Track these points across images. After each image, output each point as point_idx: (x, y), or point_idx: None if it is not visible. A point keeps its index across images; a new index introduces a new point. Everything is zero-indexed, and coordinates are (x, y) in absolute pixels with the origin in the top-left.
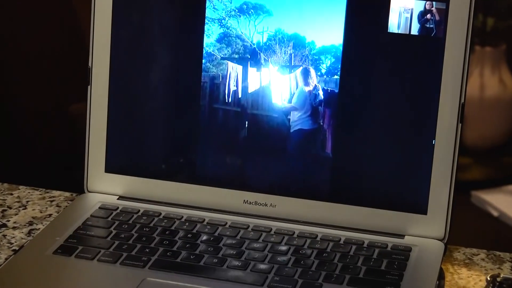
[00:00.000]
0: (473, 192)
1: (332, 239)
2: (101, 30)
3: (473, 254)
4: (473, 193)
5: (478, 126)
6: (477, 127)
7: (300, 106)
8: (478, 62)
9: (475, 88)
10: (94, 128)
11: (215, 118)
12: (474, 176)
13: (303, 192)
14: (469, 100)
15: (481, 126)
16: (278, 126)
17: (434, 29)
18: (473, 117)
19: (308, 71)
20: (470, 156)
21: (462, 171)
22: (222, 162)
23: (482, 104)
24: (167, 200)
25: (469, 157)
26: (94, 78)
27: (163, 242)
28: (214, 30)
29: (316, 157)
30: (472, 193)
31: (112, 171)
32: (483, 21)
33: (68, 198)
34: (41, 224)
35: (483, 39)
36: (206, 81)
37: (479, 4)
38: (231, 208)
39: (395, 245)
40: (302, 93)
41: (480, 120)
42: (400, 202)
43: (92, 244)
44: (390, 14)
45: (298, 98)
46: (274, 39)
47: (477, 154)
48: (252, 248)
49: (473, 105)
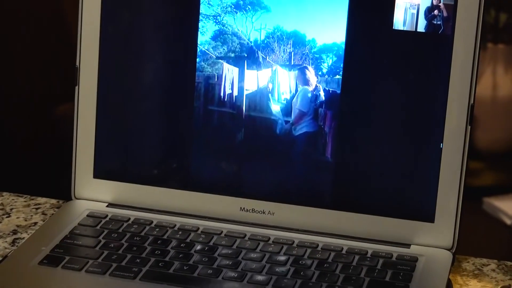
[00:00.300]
0: (485, 198)
1: (334, 248)
2: (89, 27)
3: (483, 265)
4: (484, 200)
5: (490, 128)
6: (489, 129)
7: (300, 108)
8: (490, 60)
9: (487, 88)
10: (82, 131)
11: (210, 121)
12: (486, 181)
13: (303, 199)
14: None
15: (494, 128)
16: (277, 129)
17: (442, 26)
18: (485, 119)
19: (309, 71)
20: (481, 160)
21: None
22: (218, 167)
23: (495, 105)
24: (159, 208)
25: (481, 161)
26: (82, 78)
27: (155, 252)
28: (209, 27)
29: (317, 161)
30: (484, 199)
31: (101, 177)
32: (495, 17)
33: (54, 205)
34: (26, 233)
35: (495, 36)
36: (201, 81)
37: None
38: (227, 216)
39: (400, 255)
40: (302, 94)
41: (492, 122)
42: (405, 210)
43: (79, 254)
44: (395, 10)
45: (297, 100)
46: (272, 36)
47: (489, 158)
48: (249, 258)
49: (485, 106)
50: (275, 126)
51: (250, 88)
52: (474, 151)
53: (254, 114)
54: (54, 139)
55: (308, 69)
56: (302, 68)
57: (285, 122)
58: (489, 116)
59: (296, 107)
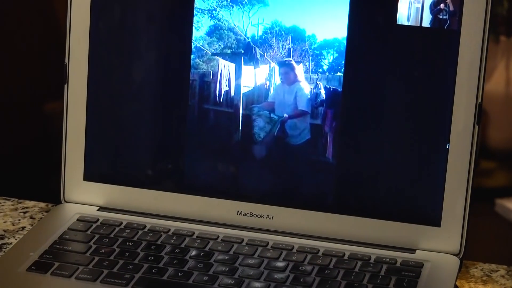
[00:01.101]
0: (497, 200)
1: (335, 254)
2: (78, 22)
3: (492, 270)
4: (497, 201)
5: (503, 126)
6: (502, 128)
7: (300, 107)
8: (503, 54)
9: (501, 84)
10: (72, 132)
11: (205, 120)
12: (498, 182)
13: (304, 202)
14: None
15: (506, 126)
16: (275, 129)
17: (448, 21)
18: (497, 116)
19: (309, 68)
20: (494, 160)
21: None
22: (213, 169)
23: (508, 101)
24: (152, 211)
25: (493, 161)
26: (71, 76)
27: (148, 258)
28: (204, 22)
29: (317, 163)
30: (496, 201)
31: (91, 179)
32: (508, 9)
33: (43, 209)
34: (13, 238)
35: (509, 29)
36: (195, 79)
37: None
38: (223, 220)
39: (405, 261)
40: (301, 92)
41: (506, 120)
42: (410, 213)
43: (69, 260)
44: (399, 4)
45: (297, 98)
46: (270, 32)
47: (501, 158)
48: (246, 264)
49: (498, 103)
50: (273, 126)
51: (247, 86)
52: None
53: (251, 114)
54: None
55: (308, 66)
56: (302, 65)
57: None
58: (501, 113)
59: (295, 106)
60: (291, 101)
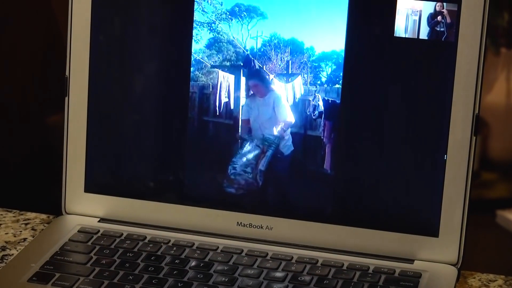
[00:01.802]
0: (498, 211)
1: (334, 264)
2: (79, 35)
3: (490, 280)
4: (498, 213)
5: (504, 137)
6: (502, 139)
7: (298, 119)
8: (504, 66)
9: (501, 95)
10: (72, 144)
11: (205, 132)
12: (500, 193)
13: (303, 213)
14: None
15: (507, 138)
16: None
17: (445, 33)
18: (498, 128)
19: (307, 80)
20: (495, 171)
21: (486, 188)
22: (213, 181)
23: (509, 113)
24: (152, 223)
25: (494, 172)
26: (72, 89)
27: (148, 268)
28: (203, 35)
29: (316, 174)
30: (497, 212)
31: (92, 191)
32: (509, 21)
33: (44, 220)
34: (15, 249)
35: (509, 41)
36: (195, 91)
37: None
38: (223, 231)
39: (403, 271)
40: (300, 104)
41: (506, 131)
42: (408, 224)
43: (70, 271)
44: (396, 17)
45: (296, 110)
46: (269, 44)
47: (502, 169)
48: (245, 275)
49: (499, 113)
50: (272, 138)
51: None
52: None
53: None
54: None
55: (307, 78)
56: (300, 77)
57: (283, 134)
58: (502, 124)
59: (294, 118)
60: (270, 113)
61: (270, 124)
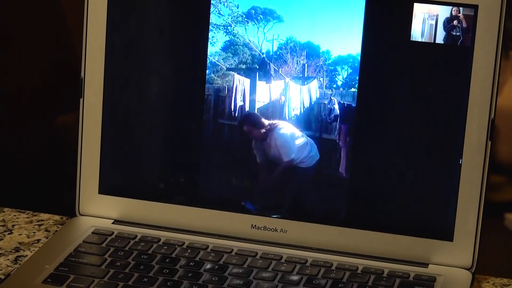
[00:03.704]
0: (507, 214)
1: (349, 268)
2: (94, 36)
3: (504, 285)
4: (506, 216)
5: None
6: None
7: (314, 122)
8: None
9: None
10: (87, 145)
11: (220, 134)
12: (508, 196)
13: (317, 216)
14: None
15: None
16: (289, 143)
17: (461, 37)
18: (507, 131)
19: (323, 83)
20: (503, 175)
21: (495, 191)
22: (228, 183)
23: None
24: (167, 225)
25: (503, 175)
26: (87, 90)
27: (163, 271)
28: (219, 37)
29: (331, 178)
30: (506, 216)
31: (106, 193)
32: None
33: (58, 221)
34: (29, 251)
35: None
36: (210, 94)
37: None
38: (237, 233)
39: (417, 275)
40: (316, 108)
41: None
42: (423, 228)
43: (85, 273)
44: (413, 21)
45: (311, 113)
46: (285, 47)
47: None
48: (260, 277)
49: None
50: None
51: (261, 101)
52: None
53: None
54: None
55: (323, 81)
56: (316, 81)
57: (298, 137)
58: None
59: (309, 121)
60: (276, 155)
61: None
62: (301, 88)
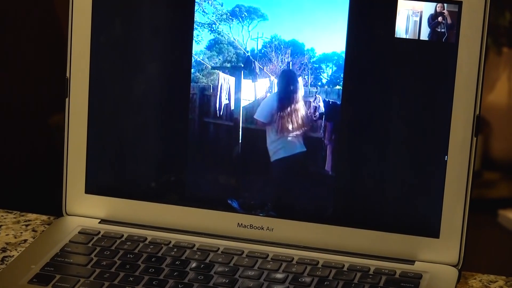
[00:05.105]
0: (500, 211)
1: (335, 265)
2: (79, 37)
3: (491, 281)
4: (500, 213)
5: (506, 137)
6: (504, 138)
7: (299, 120)
8: (506, 65)
9: (503, 95)
10: (73, 145)
11: (205, 133)
12: (502, 193)
13: (303, 214)
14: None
15: (509, 137)
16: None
17: (446, 34)
18: (500, 127)
19: (308, 81)
20: (497, 171)
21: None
22: (214, 182)
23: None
24: (153, 224)
25: (496, 171)
26: (73, 90)
27: (149, 270)
28: (204, 36)
29: (317, 175)
30: (499, 212)
31: (93, 192)
32: (510, 20)
33: (45, 221)
34: (15, 251)
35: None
36: (196, 93)
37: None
38: (223, 232)
39: (404, 272)
40: (301, 106)
41: (508, 130)
42: (409, 225)
43: (70, 273)
44: (397, 18)
45: (296, 111)
46: (270, 46)
47: (504, 169)
48: (246, 276)
49: (501, 113)
50: None
51: (247, 100)
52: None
53: (252, 127)
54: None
55: (307, 79)
56: (301, 79)
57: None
58: (504, 124)
59: (294, 119)
60: (290, 114)
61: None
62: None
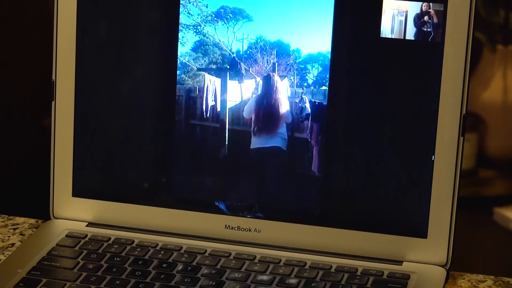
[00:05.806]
0: (496, 209)
1: (322, 266)
2: (65, 39)
3: (479, 281)
4: (496, 210)
5: (502, 135)
6: (500, 136)
7: (285, 121)
8: (500, 63)
9: (498, 92)
10: (60, 148)
11: (192, 135)
12: (498, 191)
13: (291, 216)
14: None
15: (505, 135)
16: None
17: (432, 33)
18: (496, 125)
19: (294, 82)
20: (492, 169)
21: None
22: (201, 184)
23: (506, 110)
24: (140, 226)
25: (492, 169)
26: (59, 93)
27: (135, 273)
28: (189, 37)
29: (304, 177)
30: (495, 210)
31: (80, 195)
32: (505, 18)
33: (33, 225)
34: (3, 255)
35: (505, 37)
36: (182, 95)
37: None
38: (211, 234)
39: (391, 273)
40: (287, 107)
41: (504, 128)
42: (397, 225)
43: (57, 277)
44: (382, 17)
45: (282, 112)
46: (255, 47)
47: (500, 167)
48: (233, 278)
49: (496, 111)
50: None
51: (233, 101)
52: (484, 159)
53: (238, 128)
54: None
55: (293, 80)
56: (287, 80)
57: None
58: (499, 122)
59: (281, 121)
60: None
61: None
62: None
